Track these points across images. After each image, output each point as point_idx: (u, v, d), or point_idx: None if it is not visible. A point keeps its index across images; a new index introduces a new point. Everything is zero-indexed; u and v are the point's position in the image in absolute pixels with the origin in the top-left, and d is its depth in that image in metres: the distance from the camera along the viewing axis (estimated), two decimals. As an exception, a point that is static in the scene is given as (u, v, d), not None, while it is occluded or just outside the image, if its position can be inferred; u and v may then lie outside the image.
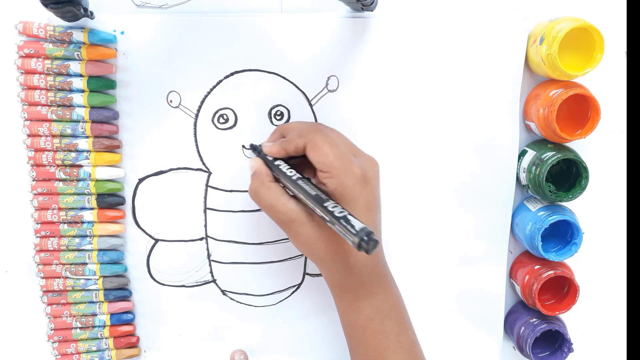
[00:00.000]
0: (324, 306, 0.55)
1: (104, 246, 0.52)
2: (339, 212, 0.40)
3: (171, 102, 0.51)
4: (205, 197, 0.52)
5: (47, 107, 0.50)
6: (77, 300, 0.53)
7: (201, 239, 0.53)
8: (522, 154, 0.53)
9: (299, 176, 0.44)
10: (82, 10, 0.45)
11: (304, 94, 0.51)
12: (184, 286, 0.54)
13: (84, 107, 0.50)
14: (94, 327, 0.54)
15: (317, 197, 0.42)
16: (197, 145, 0.52)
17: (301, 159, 0.46)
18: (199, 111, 0.51)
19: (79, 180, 0.51)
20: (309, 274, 0.55)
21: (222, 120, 0.51)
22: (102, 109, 0.50)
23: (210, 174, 0.52)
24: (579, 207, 0.53)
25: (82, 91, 0.50)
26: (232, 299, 0.54)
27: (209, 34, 0.50)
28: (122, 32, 0.49)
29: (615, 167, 0.54)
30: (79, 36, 0.48)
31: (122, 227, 0.53)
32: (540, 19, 0.51)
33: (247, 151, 0.52)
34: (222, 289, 0.54)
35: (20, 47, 0.49)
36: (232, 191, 0.52)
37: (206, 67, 0.50)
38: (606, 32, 0.47)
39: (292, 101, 0.51)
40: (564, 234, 0.52)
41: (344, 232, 0.39)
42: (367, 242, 0.37)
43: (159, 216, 0.53)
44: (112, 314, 0.54)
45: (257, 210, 0.53)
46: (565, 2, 0.51)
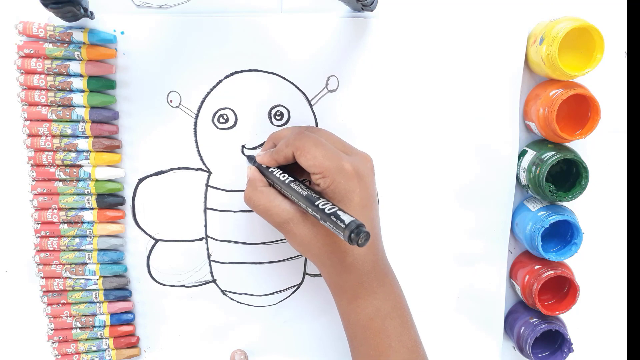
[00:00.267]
0: (324, 306, 0.55)
1: (104, 246, 0.52)
2: (329, 208, 0.40)
3: (171, 102, 0.51)
4: (205, 197, 0.52)
5: (47, 107, 0.50)
6: (77, 300, 0.53)
7: (201, 239, 0.53)
8: (522, 154, 0.53)
9: (291, 179, 0.45)
10: (82, 10, 0.45)
11: (304, 94, 0.51)
12: (184, 286, 0.54)
13: (84, 107, 0.50)
14: (94, 327, 0.54)
15: (307, 196, 0.42)
16: (197, 145, 0.52)
17: (295, 164, 0.46)
18: (199, 111, 0.51)
19: (79, 180, 0.51)
20: (309, 274, 0.55)
21: (222, 120, 0.51)
22: (102, 109, 0.50)
23: (210, 173, 0.52)
24: (579, 207, 0.53)
25: (82, 91, 0.50)
26: (232, 299, 0.54)
27: (209, 34, 0.50)
28: (122, 32, 0.49)
29: (615, 167, 0.54)
30: (79, 36, 0.48)
31: (122, 227, 0.53)
32: (540, 19, 0.51)
33: (248, 150, 0.52)
34: (222, 289, 0.54)
35: (20, 47, 0.49)
36: (232, 191, 0.52)
37: (206, 67, 0.50)
38: (606, 32, 0.47)
39: (292, 101, 0.51)
40: (564, 234, 0.52)
41: (335, 227, 0.39)
42: (358, 234, 0.37)
43: (159, 216, 0.53)
44: (112, 314, 0.54)
45: (257, 210, 0.53)
46: (565, 2, 0.51)
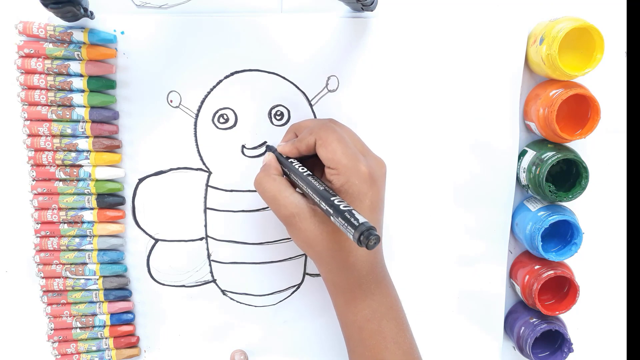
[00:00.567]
0: (324, 306, 0.55)
1: (104, 246, 0.52)
2: (344, 206, 0.40)
3: (171, 102, 0.51)
4: (205, 197, 0.52)
5: (47, 107, 0.50)
6: (77, 300, 0.53)
7: (201, 239, 0.53)
8: (522, 154, 0.53)
9: (309, 172, 0.44)
10: (82, 10, 0.45)
11: (304, 94, 0.51)
12: (184, 286, 0.54)
13: (84, 107, 0.50)
14: (94, 327, 0.54)
15: (324, 191, 0.42)
16: (197, 145, 0.52)
17: (312, 159, 0.46)
18: (199, 111, 0.51)
19: (79, 180, 0.51)
20: (309, 274, 0.55)
21: (222, 120, 0.51)
22: (102, 109, 0.50)
23: (210, 173, 0.52)
24: (579, 207, 0.53)
25: (82, 91, 0.50)
26: (232, 299, 0.54)
27: (209, 34, 0.50)
28: (122, 32, 0.49)
29: (615, 167, 0.54)
30: (79, 36, 0.48)
31: (122, 227, 0.53)
32: (540, 19, 0.51)
33: (248, 150, 0.52)
34: (222, 289, 0.54)
35: (20, 47, 0.49)
36: (232, 191, 0.52)
37: (206, 67, 0.50)
38: (606, 32, 0.47)
39: (292, 101, 0.51)
40: (564, 234, 0.52)
41: (347, 225, 0.39)
42: (368, 236, 0.37)
43: (159, 216, 0.53)
44: (112, 314, 0.54)
45: (257, 210, 0.53)
46: (565, 2, 0.51)
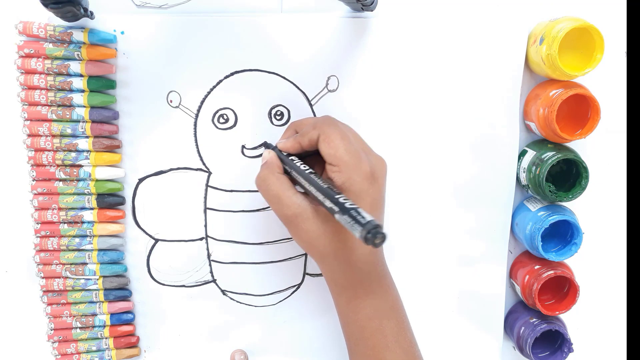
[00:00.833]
0: (324, 306, 0.55)
1: (104, 246, 0.52)
2: (350, 204, 0.40)
3: (171, 102, 0.51)
4: (205, 197, 0.52)
5: (47, 107, 0.50)
6: (77, 300, 0.53)
7: (201, 239, 0.53)
8: (522, 154, 0.53)
9: (311, 170, 0.44)
10: (82, 10, 0.45)
11: (304, 94, 0.51)
12: (184, 286, 0.54)
13: (84, 107, 0.50)
14: (94, 327, 0.54)
15: (328, 189, 0.42)
16: (197, 145, 0.52)
17: (312, 156, 0.46)
18: (199, 111, 0.51)
19: (79, 180, 0.51)
20: (309, 274, 0.55)
21: (222, 120, 0.51)
22: (102, 109, 0.50)
23: (210, 174, 0.52)
24: (579, 207, 0.53)
25: (82, 91, 0.50)
26: (232, 299, 0.54)
27: (209, 34, 0.50)
28: (122, 32, 0.49)
29: (615, 167, 0.54)
30: (79, 36, 0.48)
31: (122, 227, 0.53)
32: (540, 19, 0.51)
33: (248, 150, 0.52)
34: (222, 289, 0.54)
35: (20, 47, 0.49)
36: (232, 191, 0.52)
37: (206, 67, 0.50)
38: (606, 32, 0.47)
39: (292, 101, 0.51)
40: (564, 234, 0.52)
41: (353, 223, 0.38)
42: (375, 234, 0.37)
43: (159, 216, 0.53)
44: (112, 314, 0.54)
45: (257, 210, 0.53)
46: (565, 2, 0.51)
